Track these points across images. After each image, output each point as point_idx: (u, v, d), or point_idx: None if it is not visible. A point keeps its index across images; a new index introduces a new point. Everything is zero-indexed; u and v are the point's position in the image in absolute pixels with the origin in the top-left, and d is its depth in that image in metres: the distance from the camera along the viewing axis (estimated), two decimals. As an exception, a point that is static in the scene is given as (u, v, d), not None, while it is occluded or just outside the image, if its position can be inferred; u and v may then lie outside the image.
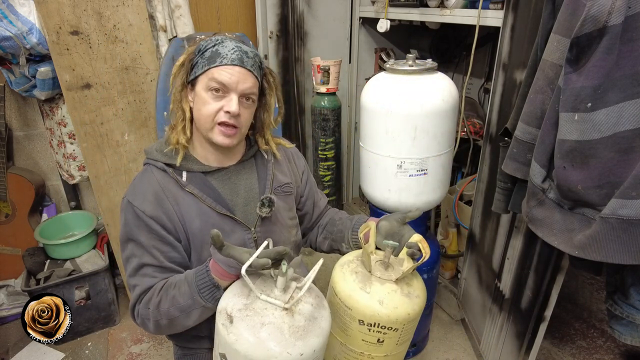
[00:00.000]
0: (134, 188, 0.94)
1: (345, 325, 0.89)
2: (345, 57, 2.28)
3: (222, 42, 0.91)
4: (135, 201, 0.91)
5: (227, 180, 0.99)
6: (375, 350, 0.89)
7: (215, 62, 0.88)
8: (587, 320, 1.90)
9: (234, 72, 0.88)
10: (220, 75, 0.88)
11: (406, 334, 0.90)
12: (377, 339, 0.87)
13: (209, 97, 0.89)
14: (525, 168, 0.98)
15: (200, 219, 0.94)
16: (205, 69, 0.89)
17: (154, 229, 0.90)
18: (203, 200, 0.94)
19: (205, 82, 0.89)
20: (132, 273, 0.92)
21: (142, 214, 0.90)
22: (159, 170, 0.95)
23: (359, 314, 0.85)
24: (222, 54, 0.88)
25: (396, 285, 0.87)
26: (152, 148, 0.99)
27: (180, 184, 0.94)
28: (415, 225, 1.50)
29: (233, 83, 0.88)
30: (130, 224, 0.91)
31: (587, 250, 0.78)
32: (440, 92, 1.28)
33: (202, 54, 0.90)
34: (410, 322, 0.88)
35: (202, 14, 2.00)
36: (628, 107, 0.72)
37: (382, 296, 0.85)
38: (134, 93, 1.69)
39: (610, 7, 0.69)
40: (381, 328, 0.85)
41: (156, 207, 0.91)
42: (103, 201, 1.67)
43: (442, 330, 1.86)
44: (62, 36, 1.45)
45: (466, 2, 1.50)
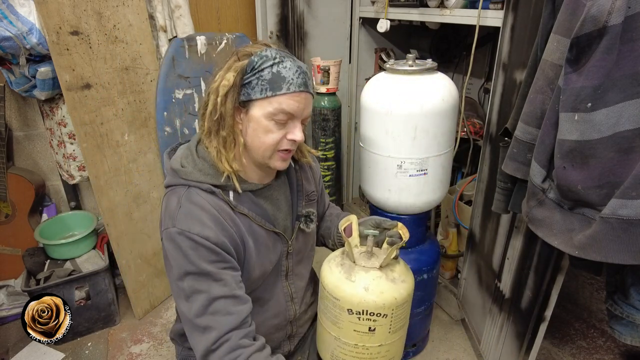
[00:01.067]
0: (187, 215, 0.81)
1: (336, 318, 0.90)
2: (345, 57, 2.28)
3: (281, 62, 0.81)
4: (193, 229, 0.80)
5: (270, 196, 0.96)
6: (368, 341, 0.90)
7: (281, 89, 0.80)
8: (587, 320, 1.90)
9: (300, 99, 0.82)
10: (289, 106, 0.81)
11: (397, 321, 0.90)
12: (369, 328, 0.88)
13: (272, 125, 0.82)
14: (525, 168, 0.98)
15: (252, 237, 0.90)
16: (267, 95, 0.80)
17: (219, 254, 0.82)
18: (254, 219, 0.89)
19: (268, 109, 0.81)
20: (202, 311, 0.80)
21: (205, 241, 0.80)
22: (205, 192, 0.85)
23: (346, 303, 0.87)
24: (286, 79, 0.80)
25: (380, 272, 0.90)
26: (187, 167, 0.87)
27: (231, 205, 0.87)
28: (415, 225, 1.50)
29: (300, 111, 0.83)
30: (189, 255, 0.79)
31: (587, 250, 0.78)
32: (440, 92, 1.28)
33: (257, 73, 0.80)
34: (398, 308, 0.89)
35: (202, 14, 2.00)
36: (628, 107, 0.72)
37: (367, 283, 0.88)
38: (134, 93, 1.69)
39: (610, 7, 0.69)
40: (370, 315, 0.87)
41: (218, 233, 0.82)
42: (103, 201, 1.67)
43: (442, 330, 1.86)
44: (62, 36, 1.45)
45: (466, 2, 1.50)
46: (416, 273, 1.50)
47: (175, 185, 0.87)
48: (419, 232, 1.52)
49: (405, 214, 1.47)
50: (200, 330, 0.81)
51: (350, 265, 0.92)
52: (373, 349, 0.91)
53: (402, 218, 1.47)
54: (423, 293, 1.54)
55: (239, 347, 0.80)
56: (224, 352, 0.79)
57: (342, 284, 0.88)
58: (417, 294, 1.54)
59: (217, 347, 0.80)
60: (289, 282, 1.02)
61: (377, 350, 0.91)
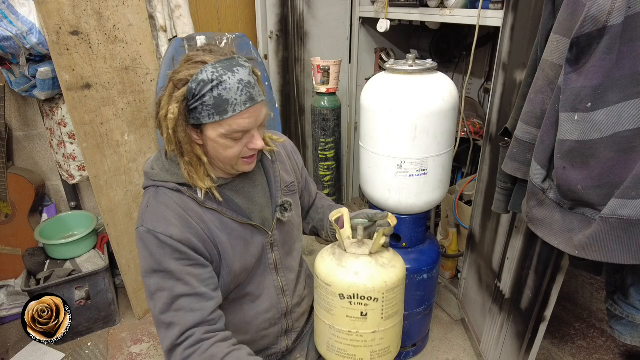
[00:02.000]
0: (152, 215, 0.86)
1: (329, 305, 0.93)
2: (345, 57, 2.28)
3: (220, 84, 0.79)
4: (158, 228, 0.84)
5: (242, 189, 0.97)
6: (361, 327, 0.91)
7: (227, 113, 0.80)
8: (587, 320, 1.90)
9: (250, 114, 0.83)
10: (240, 125, 0.82)
11: (390, 307, 0.92)
12: (361, 313, 0.90)
13: (229, 142, 0.84)
14: (525, 168, 0.98)
15: (225, 232, 0.92)
16: (216, 120, 0.81)
17: (183, 252, 0.84)
18: (224, 214, 0.91)
19: (220, 131, 0.83)
20: (165, 308, 0.83)
21: (169, 239, 0.83)
22: (172, 191, 0.89)
23: (338, 288, 0.90)
24: (229, 101, 0.80)
25: (370, 257, 0.93)
26: (155, 168, 0.92)
27: (199, 202, 0.90)
28: (415, 225, 1.50)
29: (252, 124, 0.84)
30: (155, 253, 0.83)
31: (587, 250, 0.78)
32: (440, 92, 1.28)
33: (199, 99, 0.80)
34: (389, 292, 0.90)
35: (202, 14, 2.00)
36: (628, 107, 0.72)
37: (358, 268, 0.91)
38: (134, 93, 1.69)
39: (610, 7, 0.69)
40: (361, 299, 0.89)
41: (183, 229, 0.85)
42: (103, 201, 1.67)
43: (442, 330, 1.86)
44: (62, 36, 1.45)
45: (466, 2, 1.50)
46: (416, 273, 1.50)
47: (147, 187, 0.92)
48: (419, 232, 1.52)
49: (405, 214, 1.47)
50: (164, 327, 0.84)
51: (341, 253, 0.95)
52: (367, 335, 0.92)
53: (402, 218, 1.47)
54: (423, 293, 1.54)
55: (201, 340, 0.83)
56: (187, 345, 0.82)
57: (334, 270, 0.92)
58: (417, 294, 1.54)
59: (181, 342, 0.82)
60: (279, 276, 1.03)
61: (371, 337, 0.92)
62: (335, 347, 0.95)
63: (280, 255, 1.03)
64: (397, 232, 1.51)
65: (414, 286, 1.51)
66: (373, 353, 0.94)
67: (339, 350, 0.95)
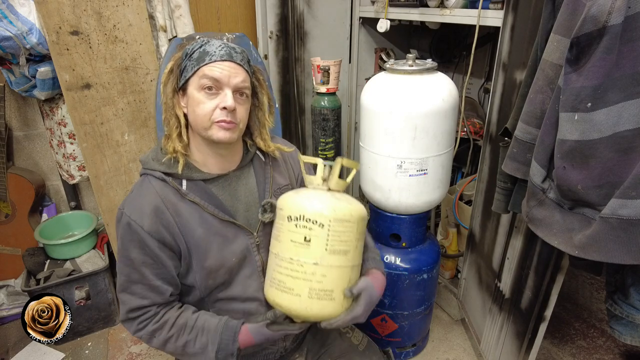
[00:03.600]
0: (132, 201, 0.92)
1: (278, 230, 0.92)
2: (345, 57, 2.28)
3: (208, 42, 0.90)
4: (132, 215, 0.89)
5: (228, 186, 0.98)
6: (303, 254, 0.87)
7: (205, 61, 0.87)
8: (587, 320, 1.90)
9: (224, 66, 0.88)
10: (212, 72, 0.87)
11: (336, 240, 0.88)
12: (304, 237, 0.87)
13: (202, 96, 0.88)
14: (525, 168, 0.98)
15: (203, 227, 0.93)
16: (195, 70, 0.88)
17: (148, 245, 0.89)
18: (205, 208, 0.93)
19: (196, 82, 0.88)
20: (121, 289, 0.93)
21: (139, 229, 0.88)
22: (157, 180, 0.92)
23: (287, 210, 0.90)
24: (209, 52, 0.88)
25: (328, 192, 0.95)
26: (149, 157, 0.96)
27: (181, 193, 0.92)
28: (415, 225, 1.50)
29: (225, 77, 0.88)
30: (123, 238, 0.90)
31: (587, 250, 0.78)
32: (440, 92, 1.28)
33: (189, 57, 0.89)
34: (337, 222, 0.87)
35: (202, 14, 2.00)
36: (628, 107, 0.72)
37: (310, 195, 0.93)
38: (134, 93, 1.68)
39: (610, 7, 0.69)
40: (306, 221, 0.87)
41: (155, 221, 0.89)
42: (103, 201, 1.67)
43: (442, 330, 1.86)
44: (62, 36, 1.45)
45: (466, 2, 1.50)
46: (416, 273, 1.50)
47: (141, 174, 0.97)
48: (419, 232, 1.52)
49: (405, 214, 1.47)
50: (121, 301, 0.94)
51: (302, 188, 0.99)
52: (308, 266, 0.87)
53: (402, 218, 1.47)
54: (423, 293, 1.54)
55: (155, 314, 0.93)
56: (142, 319, 0.93)
57: (288, 196, 0.94)
58: (417, 294, 1.54)
59: (135, 317, 0.93)
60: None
61: (311, 269, 0.87)
62: (275, 280, 0.91)
63: (267, 256, 1.01)
64: (397, 232, 1.51)
65: (414, 286, 1.51)
66: (312, 290, 0.87)
67: (278, 283, 0.90)
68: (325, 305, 0.88)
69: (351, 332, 1.17)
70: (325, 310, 0.89)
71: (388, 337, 1.62)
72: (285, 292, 0.89)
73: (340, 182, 0.96)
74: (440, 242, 1.99)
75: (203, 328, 0.94)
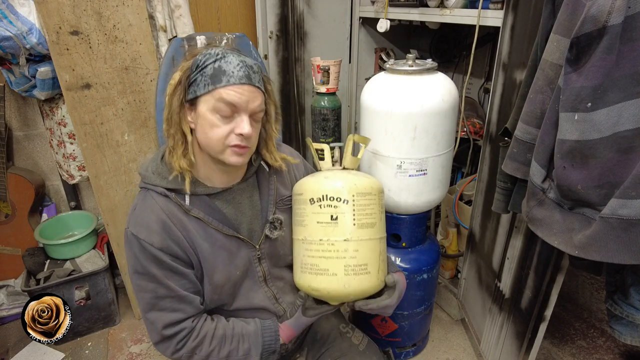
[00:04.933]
0: (137, 219, 0.88)
1: (301, 216, 0.91)
2: (345, 57, 2.28)
3: (224, 57, 0.82)
4: (140, 234, 0.86)
5: (232, 200, 0.96)
6: (332, 233, 0.86)
7: (222, 82, 0.81)
8: (587, 320, 1.90)
9: (243, 91, 0.82)
10: (229, 96, 0.81)
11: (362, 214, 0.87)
12: (331, 216, 0.86)
13: (217, 119, 0.83)
14: (525, 168, 0.98)
15: (208, 241, 0.91)
16: (209, 89, 0.81)
17: (164, 261, 0.86)
18: (209, 224, 0.91)
19: (211, 103, 0.82)
20: (148, 308, 0.88)
21: (150, 247, 0.85)
22: (159, 195, 0.89)
23: (308, 193, 0.89)
24: (227, 72, 0.81)
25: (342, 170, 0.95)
26: (148, 170, 0.92)
27: (185, 209, 0.89)
28: (415, 225, 1.50)
29: (243, 103, 0.83)
30: (139, 257, 0.87)
31: (587, 250, 0.78)
32: (440, 92, 1.28)
33: (201, 70, 0.82)
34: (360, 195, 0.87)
35: (202, 14, 2.00)
36: (628, 107, 0.72)
37: (328, 175, 0.93)
38: (134, 93, 1.68)
39: (610, 7, 0.69)
40: (330, 200, 0.86)
41: (164, 237, 0.86)
42: (103, 201, 1.67)
43: (442, 330, 1.86)
44: (62, 36, 1.45)
45: (466, 2, 1.50)
46: (416, 273, 1.50)
47: (141, 188, 0.93)
48: (419, 232, 1.52)
49: (405, 214, 1.47)
50: (149, 322, 0.89)
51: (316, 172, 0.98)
52: (339, 244, 0.86)
53: (402, 218, 1.47)
54: (423, 293, 1.54)
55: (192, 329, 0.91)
56: (189, 347, 0.90)
57: (305, 180, 0.94)
58: (417, 294, 1.54)
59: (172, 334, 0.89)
60: (269, 286, 1.02)
61: (343, 246, 0.85)
62: (307, 265, 0.89)
63: (268, 266, 1.01)
64: (397, 232, 1.51)
65: (414, 286, 1.51)
66: (347, 267, 0.85)
67: (311, 267, 0.88)
68: (363, 280, 0.87)
69: (351, 332, 1.17)
70: (364, 285, 0.88)
71: (388, 337, 1.62)
72: (320, 274, 0.87)
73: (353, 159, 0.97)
74: (440, 242, 1.99)
75: (242, 335, 0.94)
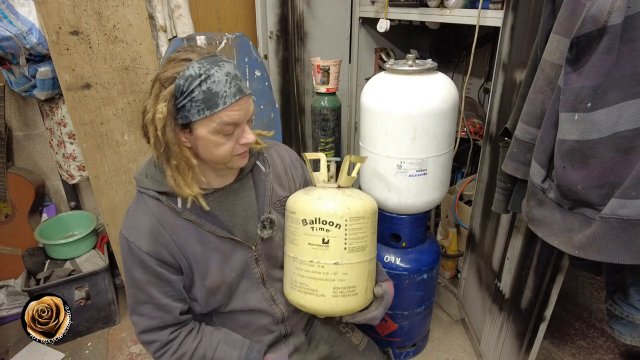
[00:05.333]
0: (129, 221, 0.89)
1: (293, 234, 0.91)
2: (345, 57, 2.28)
3: (208, 77, 0.78)
4: (130, 236, 0.87)
5: (225, 200, 0.95)
6: (323, 256, 0.88)
7: (218, 106, 0.79)
8: (587, 320, 1.90)
9: (240, 107, 0.82)
10: (231, 118, 0.81)
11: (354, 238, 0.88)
12: (322, 239, 0.87)
13: (220, 138, 0.83)
14: (525, 168, 0.98)
15: (201, 244, 0.90)
16: (206, 115, 0.79)
17: (149, 265, 0.87)
18: (202, 226, 0.90)
19: (211, 127, 0.81)
20: (131, 310, 0.92)
21: (138, 250, 0.86)
22: (152, 199, 0.89)
23: (301, 214, 0.89)
24: (219, 94, 0.78)
25: (338, 189, 0.94)
26: (142, 174, 0.92)
27: (176, 212, 0.89)
28: (415, 225, 1.50)
29: (243, 117, 0.83)
30: (126, 260, 0.89)
31: (587, 250, 0.78)
32: (440, 92, 1.28)
33: (187, 95, 0.78)
34: (353, 220, 0.88)
35: (202, 14, 2.00)
36: (628, 107, 0.72)
37: (322, 195, 0.91)
38: (134, 93, 1.68)
39: (610, 7, 0.69)
40: (322, 223, 0.87)
41: (152, 241, 0.87)
42: (103, 201, 1.67)
43: (442, 330, 1.86)
44: (62, 36, 1.45)
45: (466, 2, 1.50)
46: (416, 273, 1.50)
47: (137, 191, 0.93)
48: (419, 232, 1.52)
49: (405, 214, 1.47)
50: (133, 323, 0.92)
51: (310, 187, 0.97)
52: (329, 267, 0.87)
53: (402, 218, 1.47)
54: (423, 293, 1.54)
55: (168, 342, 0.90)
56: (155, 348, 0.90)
57: (299, 198, 0.93)
58: (417, 294, 1.54)
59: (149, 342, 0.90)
60: (267, 287, 1.01)
61: (333, 269, 0.87)
62: (297, 283, 0.91)
63: (266, 268, 1.00)
64: (397, 232, 1.51)
65: (414, 286, 1.51)
66: (336, 289, 0.88)
67: (300, 285, 0.90)
68: (350, 301, 0.90)
69: (351, 332, 1.17)
70: (350, 305, 0.91)
71: (388, 337, 1.62)
72: (309, 293, 0.89)
73: (348, 178, 0.96)
74: (440, 242, 1.99)
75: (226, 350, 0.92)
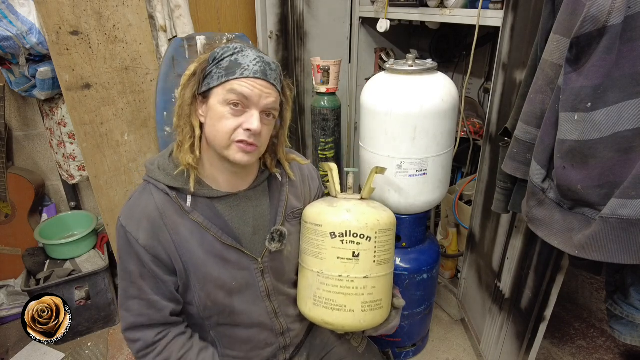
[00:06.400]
0: (130, 210, 0.85)
1: (318, 248, 0.88)
2: (345, 57, 2.28)
3: (242, 51, 0.81)
4: (129, 226, 0.83)
5: (236, 206, 0.91)
6: (353, 270, 0.86)
7: (235, 74, 0.79)
8: (587, 320, 1.90)
9: (256, 84, 0.80)
10: (241, 88, 0.79)
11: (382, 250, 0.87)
12: (353, 253, 0.85)
13: (226, 111, 0.80)
14: (525, 168, 0.98)
15: (203, 248, 0.87)
16: (222, 81, 0.80)
17: (144, 260, 0.84)
18: (208, 230, 0.86)
19: (222, 95, 0.80)
20: (120, 303, 0.89)
21: (135, 242, 0.83)
22: (159, 191, 0.85)
23: (329, 227, 0.86)
24: (242, 65, 0.80)
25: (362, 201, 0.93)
26: (155, 164, 0.88)
27: (185, 210, 0.85)
28: (415, 225, 1.50)
29: (255, 97, 0.80)
30: (121, 249, 0.85)
31: (587, 250, 0.78)
32: (440, 92, 1.28)
33: (217, 63, 0.81)
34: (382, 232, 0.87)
35: (202, 14, 2.00)
36: (628, 107, 0.72)
37: (349, 207, 0.89)
38: (134, 93, 1.69)
39: (610, 7, 0.69)
40: (353, 237, 0.85)
41: (151, 235, 0.83)
42: (103, 201, 1.67)
43: (442, 330, 1.86)
44: (62, 36, 1.45)
45: (466, 2, 1.50)
46: (416, 273, 1.50)
47: (144, 180, 0.90)
48: (419, 232, 1.52)
49: (405, 214, 1.47)
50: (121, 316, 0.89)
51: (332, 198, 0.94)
52: (358, 281, 0.85)
53: (402, 218, 1.47)
54: (423, 293, 1.54)
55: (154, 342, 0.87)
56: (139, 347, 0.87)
57: (324, 210, 0.89)
58: (417, 294, 1.54)
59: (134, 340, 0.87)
60: (272, 301, 0.97)
61: (362, 283, 0.85)
62: (322, 299, 0.87)
63: (272, 281, 0.96)
64: (397, 232, 1.50)
65: (414, 286, 1.51)
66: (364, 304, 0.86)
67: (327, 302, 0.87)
68: (376, 314, 0.89)
69: (350, 335, 1.16)
70: (377, 319, 0.90)
71: (388, 337, 1.62)
72: (337, 309, 0.87)
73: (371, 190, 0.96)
74: (440, 242, 1.99)
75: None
